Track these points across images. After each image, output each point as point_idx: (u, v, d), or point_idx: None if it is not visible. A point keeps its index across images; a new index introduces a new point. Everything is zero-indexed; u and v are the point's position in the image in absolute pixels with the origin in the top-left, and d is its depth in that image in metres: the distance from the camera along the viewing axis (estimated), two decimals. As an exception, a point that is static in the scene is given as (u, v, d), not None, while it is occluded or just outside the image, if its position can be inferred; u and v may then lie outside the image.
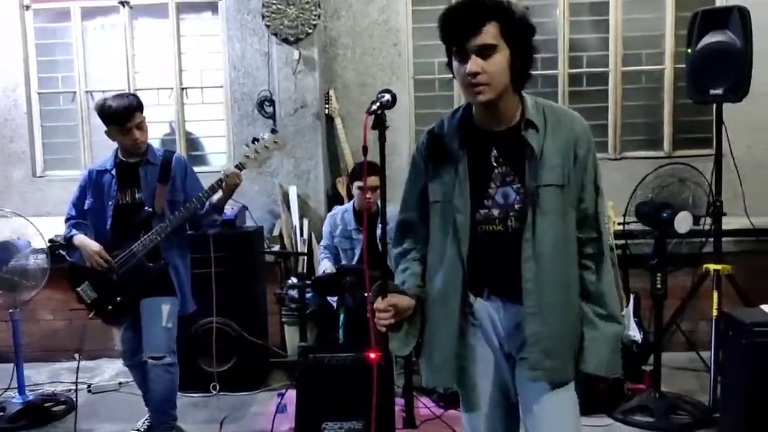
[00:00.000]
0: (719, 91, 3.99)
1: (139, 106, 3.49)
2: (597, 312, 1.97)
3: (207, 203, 3.52)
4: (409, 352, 2.13)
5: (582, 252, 1.98)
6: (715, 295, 4.00)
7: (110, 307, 3.55)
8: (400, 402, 3.78)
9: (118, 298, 3.53)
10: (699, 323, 4.75)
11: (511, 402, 2.06)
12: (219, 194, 3.52)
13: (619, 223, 4.39)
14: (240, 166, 3.48)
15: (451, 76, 1.96)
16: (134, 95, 3.60)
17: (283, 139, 3.64)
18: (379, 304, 1.94)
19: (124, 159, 3.60)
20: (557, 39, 5.36)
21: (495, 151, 1.95)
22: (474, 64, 1.82)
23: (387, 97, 1.96)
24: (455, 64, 1.89)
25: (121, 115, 3.43)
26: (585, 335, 1.96)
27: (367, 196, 4.12)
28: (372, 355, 2.30)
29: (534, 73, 1.96)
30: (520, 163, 1.92)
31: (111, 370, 5.09)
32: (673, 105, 5.40)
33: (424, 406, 3.93)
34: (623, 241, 4.49)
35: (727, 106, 4.13)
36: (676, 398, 3.93)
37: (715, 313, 3.96)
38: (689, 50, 4.09)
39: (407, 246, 2.15)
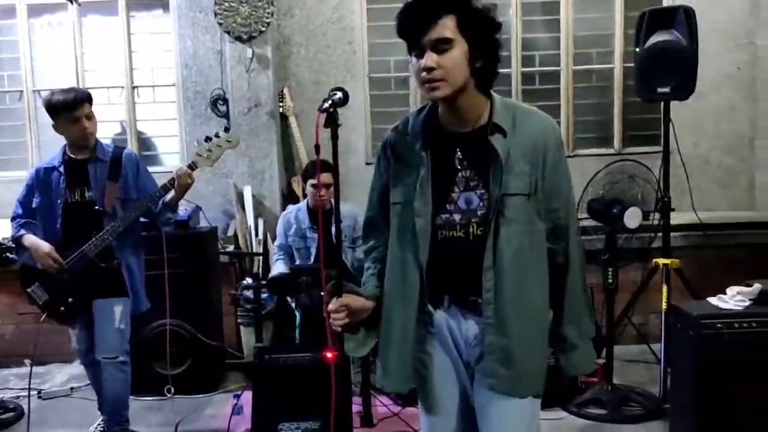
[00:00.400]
0: (666, 90, 4.07)
1: (87, 98, 3.45)
2: (565, 322, 1.96)
3: (160, 202, 3.48)
4: (367, 352, 2.11)
5: (551, 262, 1.93)
6: (664, 288, 4.09)
7: (62, 308, 3.49)
8: (357, 401, 3.78)
9: (70, 299, 3.47)
10: (649, 316, 4.86)
11: (472, 410, 1.99)
12: (172, 193, 3.47)
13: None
14: (192, 166, 3.44)
15: (406, 74, 1.94)
16: (83, 89, 3.55)
17: (236, 138, 3.60)
18: (332, 304, 1.91)
19: (72, 156, 3.53)
20: (510, 38, 5.42)
21: (459, 154, 1.87)
22: (429, 58, 1.76)
23: (339, 94, 1.94)
24: (412, 60, 1.83)
25: (70, 104, 3.38)
26: (555, 346, 1.97)
27: (321, 193, 4.11)
28: (329, 355, 2.30)
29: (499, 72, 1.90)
30: (484, 168, 1.84)
31: (62, 375, 4.98)
32: (622, 103, 5.50)
33: (382, 404, 3.94)
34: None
35: (674, 104, 4.23)
36: (627, 390, 4.01)
37: (664, 306, 4.04)
38: (637, 49, 4.17)
39: (372, 244, 2.10)
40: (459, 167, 1.87)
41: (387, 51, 5.43)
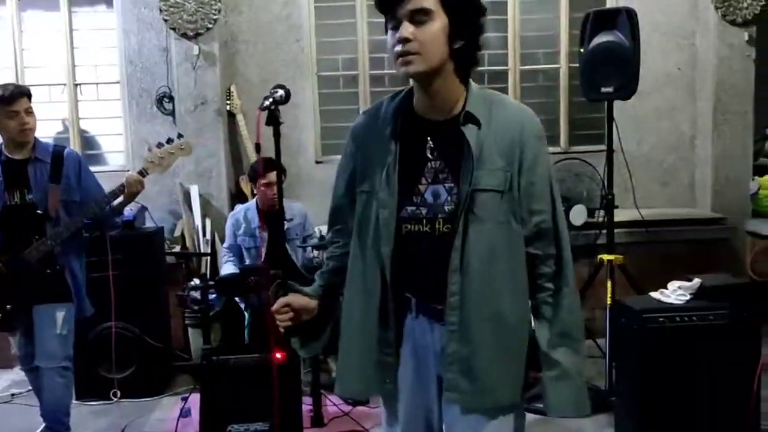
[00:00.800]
0: (610, 89, 4.15)
1: (27, 93, 3.37)
2: (554, 344, 1.75)
3: (107, 207, 3.40)
4: (318, 352, 2.08)
5: (538, 271, 1.76)
6: (609, 284, 4.17)
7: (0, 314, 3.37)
8: (308, 401, 3.76)
9: (8, 306, 3.36)
10: (595, 311, 4.95)
11: (433, 427, 1.86)
12: (120, 198, 3.40)
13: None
14: (143, 172, 3.38)
15: (356, 72, 1.91)
16: (22, 85, 3.46)
17: (190, 145, 3.54)
18: (275, 304, 1.87)
19: (10, 155, 3.42)
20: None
21: (431, 143, 1.74)
22: (405, 29, 1.63)
23: (280, 92, 1.93)
24: (388, 36, 1.70)
25: (8, 97, 3.29)
26: (543, 373, 1.76)
27: (273, 192, 4.09)
28: (278, 356, 2.28)
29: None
30: (456, 161, 1.71)
31: (3, 381, 4.83)
32: (568, 103, 5.59)
33: (332, 403, 3.93)
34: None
35: (617, 104, 4.31)
36: (574, 384, 4.08)
37: (609, 301, 4.12)
38: (582, 50, 4.24)
39: (333, 237, 1.99)
40: (430, 157, 1.74)
41: (336, 49, 5.42)
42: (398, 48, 1.66)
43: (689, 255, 5.03)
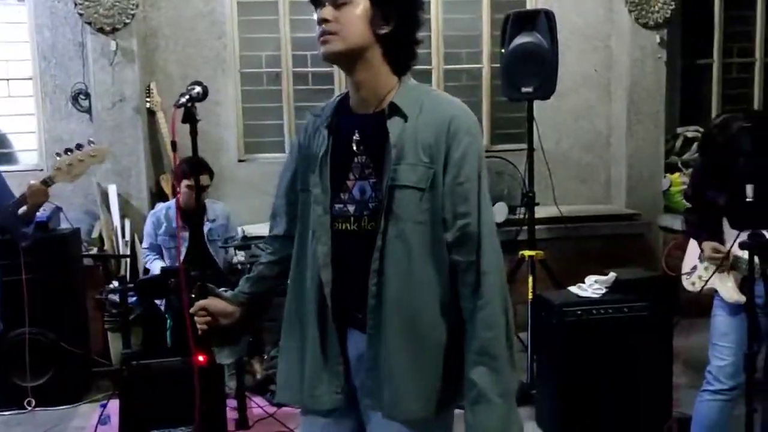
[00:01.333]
0: (530, 89, 4.25)
1: None
2: (471, 362, 1.61)
3: (13, 217, 3.22)
4: (240, 355, 2.05)
5: (460, 281, 1.63)
6: (530, 279, 4.27)
7: None
8: (232, 403, 3.72)
9: None
10: (517, 306, 5.01)
11: None
12: (24, 208, 3.19)
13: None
14: (47, 182, 3.10)
15: (279, 69, 1.86)
16: None
17: (103, 151, 3.26)
18: (193, 307, 1.85)
19: None
20: (382, 36, 5.47)
21: (357, 136, 1.69)
22: (325, 11, 1.62)
23: (198, 89, 1.87)
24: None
25: None
26: (466, 398, 1.63)
27: (199, 194, 4.06)
28: (200, 359, 2.23)
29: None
30: (380, 155, 1.65)
31: None
32: (491, 102, 5.69)
33: (257, 405, 3.89)
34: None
35: (537, 104, 4.43)
36: (497, 379, 4.16)
37: (530, 296, 4.22)
38: (502, 50, 4.33)
39: (266, 242, 1.95)
40: (356, 151, 1.68)
41: (259, 46, 5.35)
42: (318, 29, 1.65)
43: (606, 250, 5.21)
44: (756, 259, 2.31)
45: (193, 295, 1.93)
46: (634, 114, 5.57)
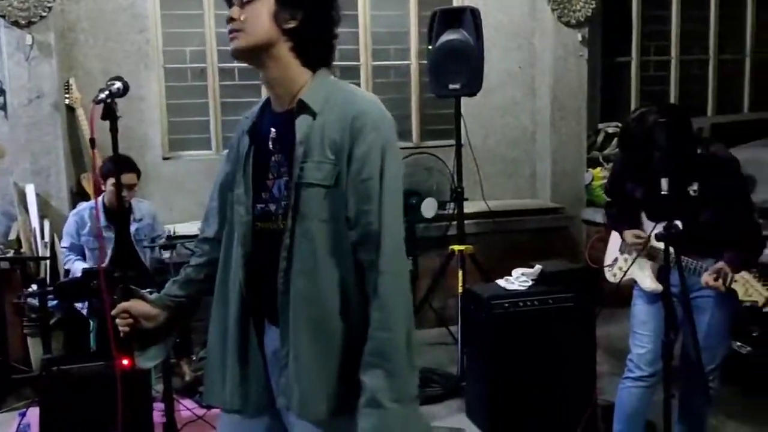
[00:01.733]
0: (457, 86, 4.30)
1: None
2: (366, 364, 1.57)
3: None
4: (163, 359, 2.00)
5: (365, 280, 1.61)
6: (460, 273, 4.33)
7: None
8: (160, 407, 3.63)
9: None
10: (448, 300, 5.12)
11: None
12: None
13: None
14: None
15: (204, 65, 1.84)
16: None
17: (2, 149, 3.18)
18: (115, 309, 1.82)
19: None
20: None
21: (273, 134, 1.69)
22: (233, 10, 1.65)
23: (117, 85, 1.82)
24: None
25: None
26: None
27: (122, 193, 3.94)
28: (124, 362, 2.17)
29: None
30: (291, 153, 1.65)
31: None
32: (419, 99, 5.74)
33: (186, 408, 3.81)
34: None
35: (465, 100, 4.48)
36: (428, 372, 4.20)
37: (460, 289, 4.28)
38: (429, 47, 4.37)
39: (195, 245, 1.94)
40: (272, 150, 1.69)
41: (183, 40, 5.23)
42: (227, 28, 1.66)
43: (532, 243, 5.33)
44: (671, 249, 2.40)
45: (115, 297, 1.88)
46: (558, 110, 5.71)
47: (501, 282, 3.72)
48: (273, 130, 1.70)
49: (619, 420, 2.95)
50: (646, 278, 2.88)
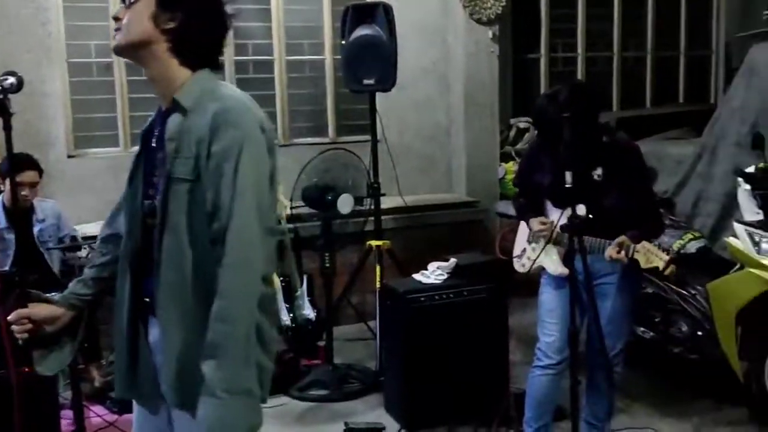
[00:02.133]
0: (371, 81, 4.32)
1: None
2: (205, 354, 1.58)
3: None
4: (65, 365, 1.94)
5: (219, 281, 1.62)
6: (378, 268, 4.36)
7: None
8: (69, 414, 3.50)
9: None
10: (366, 295, 5.14)
11: None
12: None
13: (292, 208, 4.55)
14: None
15: (109, 60, 1.82)
16: None
17: None
18: (12, 315, 1.75)
19: None
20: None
21: (156, 132, 1.75)
22: (118, 10, 1.75)
23: (11, 80, 1.77)
24: None
25: None
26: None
27: (24, 193, 3.84)
28: (25, 369, 2.08)
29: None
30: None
31: None
32: (335, 94, 5.72)
33: (96, 414, 3.69)
34: (293, 225, 4.67)
35: (380, 96, 4.50)
36: (347, 368, 4.21)
37: (378, 285, 4.30)
38: (343, 42, 4.36)
39: (98, 244, 1.94)
40: (156, 147, 1.74)
41: (87, 34, 5.03)
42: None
43: (449, 237, 5.40)
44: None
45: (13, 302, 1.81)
46: (471, 106, 5.80)
47: (417, 276, 3.77)
48: (157, 128, 1.76)
49: (530, 407, 3.03)
50: (553, 262, 2.95)
